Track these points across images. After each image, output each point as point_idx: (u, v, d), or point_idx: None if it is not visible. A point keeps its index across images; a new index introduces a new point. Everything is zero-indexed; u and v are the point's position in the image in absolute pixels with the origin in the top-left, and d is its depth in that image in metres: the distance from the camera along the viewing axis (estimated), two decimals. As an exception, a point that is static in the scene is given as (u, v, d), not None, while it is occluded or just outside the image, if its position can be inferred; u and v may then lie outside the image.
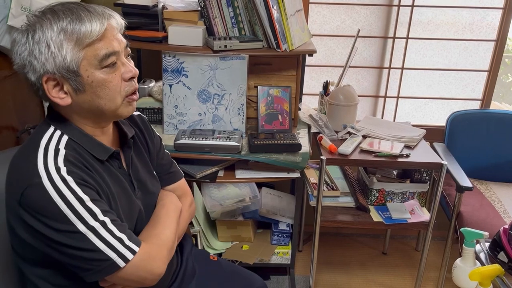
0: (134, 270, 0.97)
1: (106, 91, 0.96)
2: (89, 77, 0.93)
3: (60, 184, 0.90)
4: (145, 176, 1.16)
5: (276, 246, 2.07)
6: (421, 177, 1.98)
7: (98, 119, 1.01)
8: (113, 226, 0.94)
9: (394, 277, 2.26)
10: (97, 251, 0.92)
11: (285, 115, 1.90)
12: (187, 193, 1.31)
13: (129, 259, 0.95)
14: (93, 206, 0.92)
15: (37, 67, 0.92)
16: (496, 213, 1.95)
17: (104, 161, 1.03)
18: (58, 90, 0.95)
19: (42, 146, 0.95)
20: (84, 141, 1.00)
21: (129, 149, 1.12)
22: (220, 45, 1.72)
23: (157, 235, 1.07)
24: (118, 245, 0.94)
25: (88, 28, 0.90)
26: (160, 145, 1.27)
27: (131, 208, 1.07)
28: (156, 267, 1.00)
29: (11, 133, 1.62)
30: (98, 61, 0.93)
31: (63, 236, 0.91)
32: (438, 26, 2.26)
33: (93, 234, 0.92)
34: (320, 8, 2.23)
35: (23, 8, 1.52)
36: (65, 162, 0.93)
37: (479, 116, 2.25)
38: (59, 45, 0.90)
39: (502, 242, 1.21)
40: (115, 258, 0.94)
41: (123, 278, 0.97)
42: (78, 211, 0.91)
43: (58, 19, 0.91)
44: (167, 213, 1.16)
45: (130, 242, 0.96)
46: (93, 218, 0.92)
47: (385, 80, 2.36)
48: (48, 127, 0.99)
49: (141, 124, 1.21)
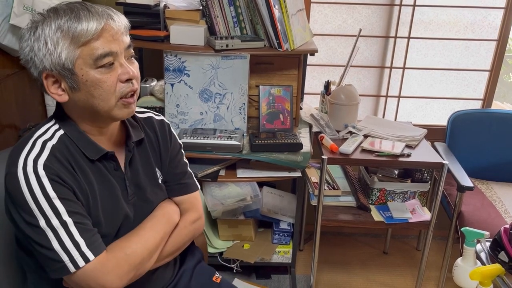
0: (84, 278, 0.94)
1: (100, 91, 0.95)
2: (83, 76, 0.93)
3: (31, 176, 0.91)
4: (145, 182, 1.12)
5: (277, 245, 2.08)
6: (422, 176, 1.98)
7: (93, 118, 1.00)
8: (74, 229, 0.93)
9: (395, 277, 2.26)
10: (52, 251, 0.92)
11: (286, 114, 1.90)
12: (194, 209, 1.21)
13: (79, 266, 0.93)
14: (59, 204, 0.92)
15: (37, 63, 0.93)
16: (497, 213, 1.95)
17: (95, 161, 1.01)
18: (57, 87, 0.96)
19: (34, 138, 0.97)
20: (78, 138, 1.00)
21: (130, 153, 1.09)
22: (221, 45, 1.72)
23: (123, 248, 1.01)
24: (72, 249, 0.92)
25: (84, 27, 0.91)
26: (177, 154, 1.20)
27: (115, 213, 1.04)
28: (108, 281, 0.96)
29: (13, 132, 1.63)
30: (93, 61, 0.93)
31: (27, 227, 0.92)
32: (440, 26, 2.26)
33: (51, 233, 0.91)
34: (321, 7, 2.23)
35: (25, 7, 1.52)
36: (49, 156, 0.94)
37: (480, 116, 2.25)
38: (55, 42, 0.91)
39: (502, 241, 1.21)
40: (66, 262, 0.92)
41: (75, 283, 0.95)
42: (42, 207, 0.91)
43: (57, 17, 0.92)
44: (151, 226, 1.09)
45: (87, 249, 0.93)
46: (55, 217, 0.91)
47: (387, 80, 2.36)
48: (49, 121, 1.01)
49: (159, 129, 1.17)
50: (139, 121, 1.14)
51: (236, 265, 2.01)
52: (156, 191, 1.15)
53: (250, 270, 2.21)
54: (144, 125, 1.15)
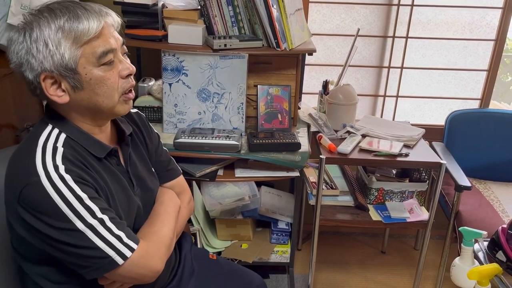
0: (133, 267, 0.97)
1: (104, 88, 0.96)
2: (87, 74, 0.94)
3: (58, 182, 0.90)
4: (143, 173, 1.16)
5: (275, 244, 2.08)
6: (420, 176, 1.98)
7: (95, 116, 1.01)
8: (111, 224, 0.95)
9: (393, 276, 2.27)
10: (96, 249, 0.93)
11: (284, 114, 1.90)
12: (185, 190, 1.32)
13: (127, 256, 0.95)
14: (91, 204, 0.93)
15: (35, 65, 0.92)
16: (494, 213, 1.95)
17: (102, 159, 1.03)
18: (56, 88, 0.95)
19: (40, 145, 0.95)
20: (82, 139, 1.00)
21: (127, 146, 1.12)
22: (220, 44, 1.72)
23: (155, 232, 1.08)
24: (116, 243, 0.94)
25: (85, 26, 0.91)
26: (159, 142, 1.27)
27: (130, 206, 1.08)
28: (154, 265, 1.01)
29: (10, 131, 1.62)
30: (96, 59, 0.94)
31: (61, 233, 0.91)
32: (438, 26, 2.26)
33: (91, 232, 0.92)
34: (320, 7, 2.23)
35: (23, 6, 1.51)
36: (63, 160, 0.94)
37: (478, 116, 2.25)
38: (57, 43, 0.90)
39: (500, 241, 1.22)
40: (114, 256, 0.94)
41: (122, 275, 0.97)
42: (76, 209, 0.91)
43: (56, 17, 0.91)
44: (165, 211, 1.16)
45: (129, 240, 0.97)
46: (91, 216, 0.92)
47: (385, 80, 2.36)
48: (46, 126, 0.99)
49: (139, 121, 1.21)
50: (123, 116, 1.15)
51: (234, 265, 2.01)
52: (153, 180, 1.21)
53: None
54: (127, 119, 1.17)
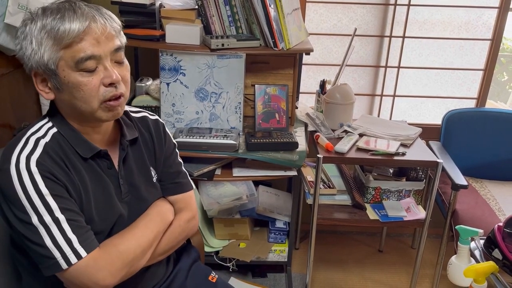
0: (76, 275, 0.94)
1: (81, 93, 0.94)
2: (65, 77, 0.93)
3: (24, 173, 0.91)
4: (139, 181, 1.12)
5: (273, 244, 2.08)
6: (417, 175, 1.99)
7: (81, 118, 1.00)
8: (67, 225, 0.93)
9: (390, 275, 2.27)
10: (44, 247, 0.92)
11: (282, 113, 1.91)
12: (188, 208, 1.21)
13: (72, 262, 0.93)
14: (51, 201, 0.92)
15: (26, 61, 0.95)
16: (491, 211, 1.96)
17: (88, 159, 1.01)
18: (45, 85, 0.97)
19: (27, 135, 0.97)
20: (71, 136, 1.00)
21: (123, 151, 1.09)
22: (217, 44, 1.72)
23: (116, 245, 1.01)
24: (65, 246, 0.92)
25: (66, 28, 0.89)
26: (171, 153, 1.21)
27: (110, 210, 1.04)
28: (101, 278, 0.96)
29: (8, 131, 1.62)
30: (74, 63, 0.91)
31: (20, 224, 0.92)
32: (434, 25, 2.27)
33: (44, 229, 0.92)
34: (317, 6, 2.23)
35: (20, 6, 1.51)
36: (42, 153, 0.94)
37: (474, 115, 2.26)
38: (39, 42, 0.91)
39: (496, 239, 1.22)
40: (59, 258, 0.92)
41: (67, 280, 0.96)
42: (34, 203, 0.91)
43: (44, 17, 0.92)
44: (145, 224, 1.09)
45: (79, 246, 0.94)
46: (48, 213, 0.92)
47: (382, 79, 2.37)
48: (43, 119, 1.02)
49: (154, 129, 1.17)
50: (133, 120, 1.14)
51: (232, 264, 2.01)
52: (151, 190, 1.15)
53: (246, 269, 2.21)
54: (139, 124, 1.15)
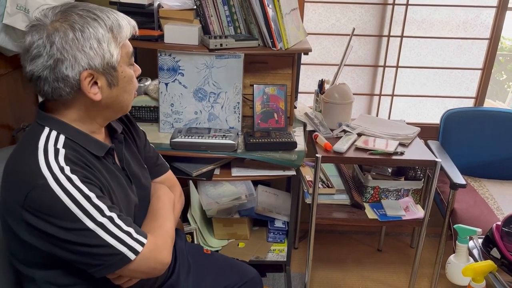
0: (144, 261, 0.99)
1: (131, 86, 1.05)
2: (122, 72, 1.01)
3: (66, 183, 0.91)
4: (137, 170, 1.19)
5: (272, 243, 2.09)
6: (415, 174, 2.00)
7: (111, 114, 1.06)
8: (120, 221, 0.96)
9: (389, 274, 2.28)
10: (107, 246, 0.94)
11: (280, 113, 1.91)
12: (175, 184, 1.35)
13: (138, 251, 0.97)
14: (99, 203, 0.94)
15: (82, 61, 0.94)
16: (489, 210, 1.97)
17: (101, 158, 1.04)
18: (91, 86, 0.97)
19: (41, 147, 0.95)
20: (81, 139, 1.01)
21: (121, 144, 1.14)
22: (215, 44, 1.72)
23: (160, 226, 1.11)
24: (127, 239, 0.96)
25: (125, 28, 1.00)
26: (146, 139, 1.31)
27: (129, 203, 1.10)
28: (164, 257, 1.04)
29: (6, 132, 1.62)
30: (128, 58, 1.02)
31: (72, 234, 0.92)
32: (433, 25, 2.27)
33: (102, 230, 0.93)
34: (315, 6, 2.24)
35: (19, 6, 1.51)
36: (67, 161, 0.94)
37: (473, 114, 2.27)
38: (107, 42, 0.96)
39: (495, 238, 1.23)
40: (126, 252, 0.96)
41: (134, 270, 0.99)
42: (86, 208, 0.92)
43: (99, 18, 0.96)
44: (163, 205, 1.19)
45: (138, 235, 0.99)
46: (100, 214, 0.93)
47: (380, 79, 2.37)
48: (42, 128, 0.99)
49: (126, 120, 1.24)
50: None
51: (231, 264, 2.02)
52: (146, 176, 1.23)
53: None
54: None
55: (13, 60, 1.60)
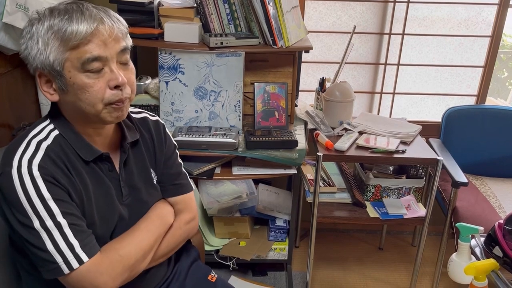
0: (78, 280, 0.94)
1: (86, 95, 0.93)
2: (71, 78, 0.92)
3: (26, 177, 0.91)
4: (140, 183, 1.12)
5: (273, 242, 2.08)
6: (417, 172, 1.99)
7: (85, 120, 0.99)
8: (69, 230, 0.93)
9: (391, 272, 2.27)
10: (45, 252, 0.92)
11: (281, 111, 1.90)
12: (188, 209, 1.21)
13: (73, 267, 0.93)
14: (53, 206, 0.92)
15: (31, 61, 0.94)
16: (491, 208, 1.96)
17: (90, 162, 1.01)
18: (49, 86, 0.96)
19: (28, 138, 0.96)
20: (73, 139, 0.99)
21: (124, 154, 1.08)
22: (216, 42, 1.72)
23: (117, 249, 1.01)
24: (66, 251, 0.92)
25: (74, 29, 0.89)
26: (172, 154, 1.20)
27: (111, 213, 1.04)
28: (102, 283, 0.96)
29: (6, 131, 1.61)
30: (80, 64, 0.91)
31: (21, 228, 0.92)
32: (434, 22, 2.27)
33: (46, 234, 0.91)
34: (316, 4, 2.23)
35: (18, 5, 1.51)
36: (43, 157, 0.93)
37: (474, 112, 2.26)
38: (45, 42, 0.90)
39: (497, 237, 1.22)
40: (60, 263, 0.92)
41: (69, 284, 0.96)
42: (36, 208, 0.91)
43: (51, 17, 0.91)
44: (146, 227, 1.09)
45: (81, 251, 0.94)
46: (50, 218, 0.91)
47: (381, 76, 2.36)
48: (44, 120, 1.00)
49: (154, 130, 1.16)
50: (134, 122, 1.13)
51: (232, 263, 2.01)
52: (151, 192, 1.15)
53: (246, 267, 2.21)
54: (139, 126, 1.14)
55: (13, 59, 1.60)
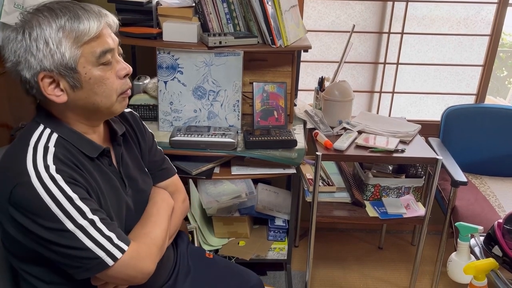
0: (123, 268, 0.97)
1: (103, 88, 0.98)
2: (86, 74, 0.95)
3: (49, 182, 0.90)
4: (135, 173, 1.16)
5: (272, 241, 2.08)
6: (416, 172, 1.99)
7: (92, 116, 1.02)
8: (102, 225, 0.95)
9: (390, 272, 2.27)
10: (86, 250, 0.93)
11: (280, 111, 1.90)
12: (180, 190, 1.31)
13: (117, 257, 0.95)
14: (82, 205, 0.93)
15: (34, 64, 0.92)
16: (490, 208, 1.96)
17: (94, 159, 1.03)
18: (54, 88, 0.95)
19: (32, 145, 0.95)
20: (74, 139, 1.00)
21: (119, 147, 1.12)
22: (215, 41, 1.71)
23: (147, 233, 1.08)
24: (106, 244, 0.94)
25: (86, 26, 0.93)
26: (153, 142, 1.28)
27: (120, 206, 1.08)
28: (145, 266, 1.01)
29: (5, 131, 1.61)
30: (95, 58, 0.95)
31: (52, 234, 0.91)
32: (433, 21, 2.26)
33: (81, 233, 0.92)
34: (315, 3, 2.23)
35: (16, 5, 1.50)
36: (55, 160, 0.94)
37: (474, 111, 2.26)
38: (57, 42, 0.92)
39: (496, 236, 1.22)
40: (104, 257, 0.94)
41: (113, 276, 0.97)
42: (66, 210, 0.91)
43: (57, 17, 0.92)
44: (158, 211, 1.16)
45: (119, 241, 0.96)
46: (81, 217, 0.92)
47: (380, 76, 2.36)
48: (37, 126, 0.99)
49: (132, 121, 1.21)
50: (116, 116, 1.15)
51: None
52: (146, 180, 1.20)
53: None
54: (120, 119, 1.18)
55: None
